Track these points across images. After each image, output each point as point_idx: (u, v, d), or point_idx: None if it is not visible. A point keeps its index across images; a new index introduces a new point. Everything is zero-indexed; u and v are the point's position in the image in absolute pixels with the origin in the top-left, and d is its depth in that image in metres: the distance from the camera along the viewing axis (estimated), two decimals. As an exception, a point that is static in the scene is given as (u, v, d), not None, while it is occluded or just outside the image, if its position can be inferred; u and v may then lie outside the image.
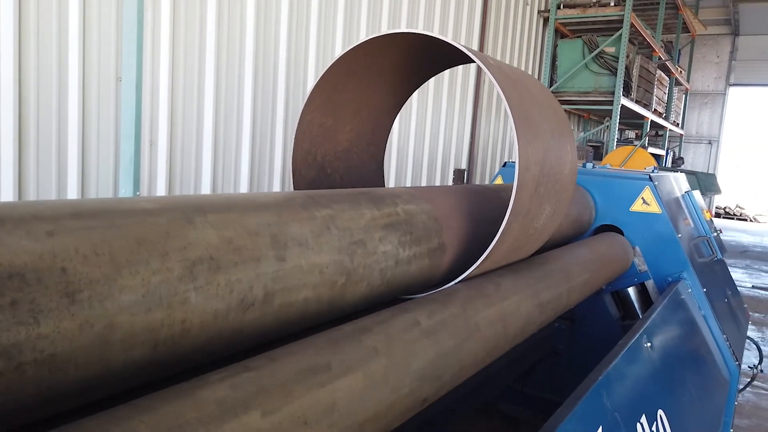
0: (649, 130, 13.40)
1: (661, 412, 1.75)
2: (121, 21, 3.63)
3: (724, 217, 21.28)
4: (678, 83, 15.85)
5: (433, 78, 2.16)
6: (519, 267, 1.77)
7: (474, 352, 1.32)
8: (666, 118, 14.68)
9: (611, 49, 10.16)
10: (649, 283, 2.81)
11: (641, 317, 2.29)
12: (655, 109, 12.99)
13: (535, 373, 2.84)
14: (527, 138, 1.39)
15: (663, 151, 15.65)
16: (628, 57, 10.28)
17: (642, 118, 12.59)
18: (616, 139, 10.81)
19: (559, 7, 10.56)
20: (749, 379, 3.60)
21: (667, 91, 14.51)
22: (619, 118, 10.35)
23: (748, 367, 3.57)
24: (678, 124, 17.04)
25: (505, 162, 3.23)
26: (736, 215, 21.58)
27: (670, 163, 16.40)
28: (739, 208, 21.85)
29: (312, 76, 5.43)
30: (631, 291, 2.87)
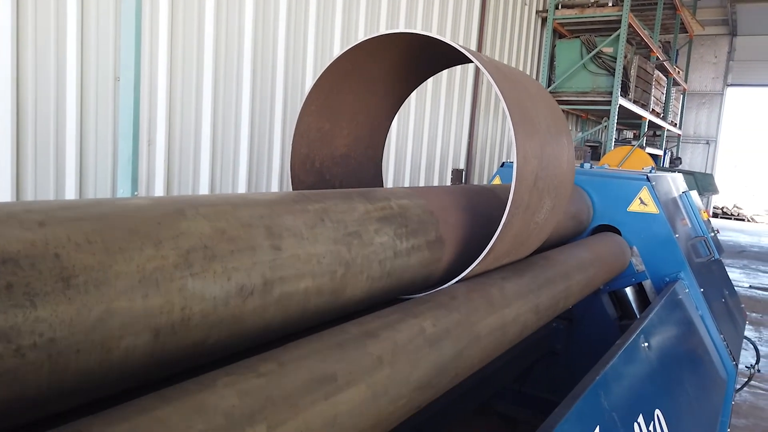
0: (646, 130, 13.42)
1: (658, 412, 1.76)
2: (119, 20, 3.63)
3: (721, 217, 21.32)
4: (676, 83, 15.87)
5: (431, 78, 2.16)
6: (518, 267, 1.77)
7: (472, 359, 1.33)
8: (664, 119, 14.71)
9: (609, 50, 10.18)
10: (647, 283, 2.82)
11: (639, 317, 2.30)
12: (653, 109, 13.01)
13: (533, 373, 2.84)
14: (524, 132, 1.39)
15: (661, 151, 15.68)
16: (626, 57, 10.29)
17: (640, 118, 12.60)
18: (614, 139, 10.83)
19: (557, 7, 10.57)
20: (746, 379, 3.61)
21: (664, 91, 14.53)
22: (617, 118, 10.36)
23: (746, 366, 3.58)
24: (676, 124, 17.06)
25: (503, 162, 3.24)
26: (733, 215, 21.61)
27: (667, 163, 16.41)
28: (737, 208, 21.88)
29: (310, 76, 5.43)
30: (628, 291, 2.88)
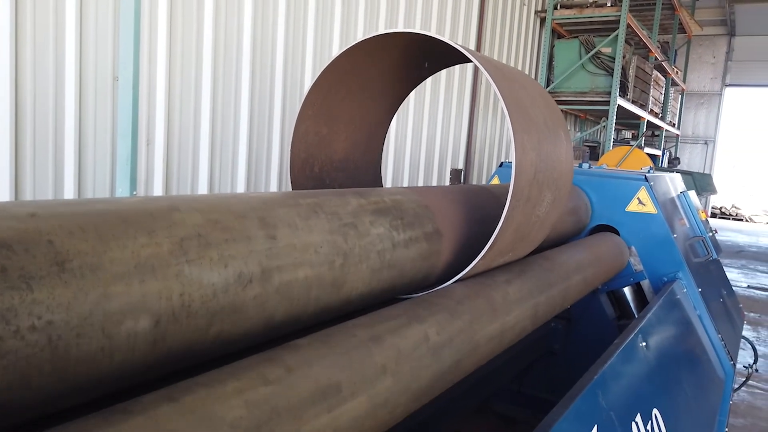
0: (645, 130, 13.43)
1: (656, 412, 1.76)
2: (118, 20, 3.63)
3: (720, 217, 21.35)
4: (674, 83, 15.89)
5: (430, 79, 2.16)
6: (517, 267, 1.77)
7: (469, 366, 1.33)
8: (662, 119, 14.72)
9: (608, 50, 10.19)
10: (645, 283, 2.83)
11: (637, 317, 2.30)
12: (651, 109, 13.02)
13: (531, 373, 2.85)
14: (522, 125, 1.40)
15: (659, 152, 15.69)
16: (624, 57, 10.30)
17: (638, 118, 12.61)
18: (612, 140, 10.84)
19: (556, 8, 10.57)
20: (744, 379, 3.61)
21: (663, 92, 14.55)
22: (615, 118, 10.37)
23: (743, 366, 3.59)
24: (674, 124, 17.08)
25: (502, 162, 3.24)
26: (732, 215, 21.64)
27: (666, 164, 16.43)
28: (735, 208, 21.91)
29: (309, 75, 5.43)
30: (626, 291, 2.88)
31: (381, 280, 1.31)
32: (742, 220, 21.33)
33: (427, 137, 7.56)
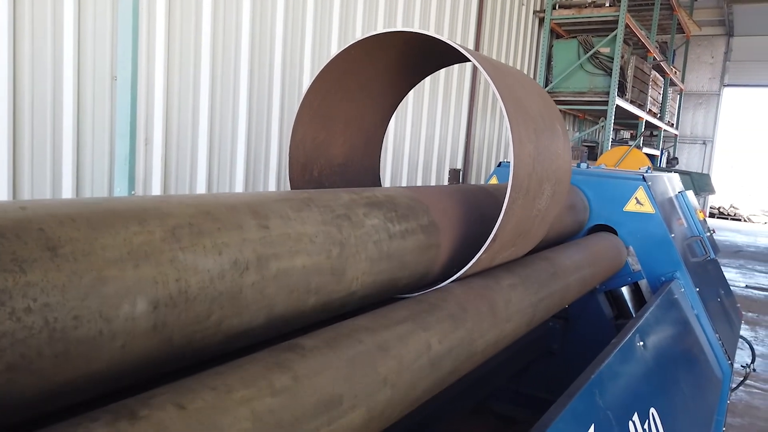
0: (643, 130, 13.44)
1: (653, 411, 1.77)
2: (116, 19, 3.62)
3: (718, 217, 21.38)
4: (672, 84, 15.91)
5: (428, 78, 2.16)
6: (516, 267, 1.77)
7: (465, 371, 1.33)
8: (660, 119, 14.74)
9: (606, 50, 10.20)
10: (643, 283, 2.83)
11: (634, 316, 2.30)
12: (649, 109, 13.04)
13: (529, 372, 2.85)
14: (518, 117, 1.40)
15: (657, 152, 15.72)
16: (623, 57, 10.31)
17: (637, 118, 12.63)
18: (610, 139, 10.85)
19: (554, 8, 10.59)
20: (742, 378, 3.62)
21: (661, 92, 14.57)
22: (613, 118, 10.39)
23: (741, 366, 3.59)
24: (672, 124, 17.10)
25: (500, 162, 3.24)
26: (730, 215, 21.67)
27: (664, 163, 16.45)
28: (733, 208, 21.95)
29: (307, 74, 5.43)
30: (624, 290, 2.89)
31: (381, 272, 1.30)
32: (740, 220, 21.36)
33: (425, 137, 7.57)
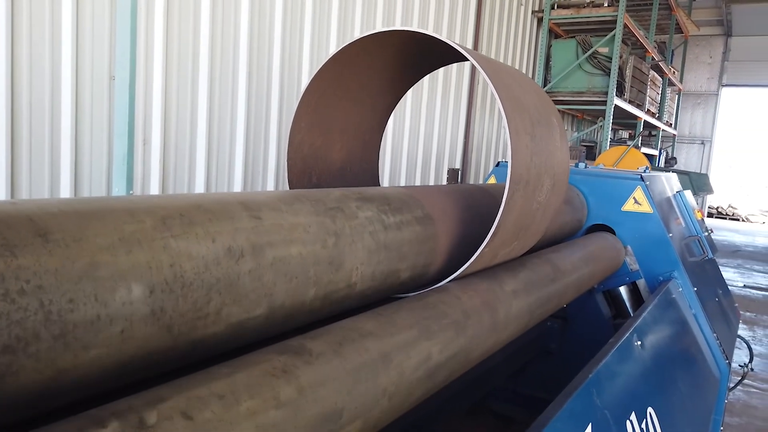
0: (642, 130, 13.46)
1: (651, 410, 1.77)
2: (114, 19, 3.62)
3: (716, 217, 21.39)
4: (671, 84, 15.92)
5: (427, 78, 2.16)
6: (514, 267, 1.77)
7: (458, 375, 1.33)
8: (659, 119, 14.75)
9: (605, 50, 10.20)
10: (641, 282, 2.83)
11: (632, 316, 2.31)
12: (648, 109, 13.04)
13: (527, 372, 2.85)
14: (513, 108, 1.40)
15: (656, 151, 15.73)
16: (621, 57, 10.32)
17: (635, 118, 12.64)
18: (609, 139, 10.86)
19: (553, 8, 10.59)
20: (740, 378, 3.62)
21: (660, 92, 14.58)
22: (612, 118, 10.40)
23: (739, 365, 3.60)
24: (671, 124, 17.11)
25: (498, 162, 3.24)
26: (728, 215, 21.69)
27: (663, 163, 16.47)
28: (732, 208, 21.97)
29: (306, 74, 5.43)
30: (622, 290, 2.89)
31: (380, 263, 1.29)
32: (738, 220, 21.38)
33: (424, 136, 7.57)
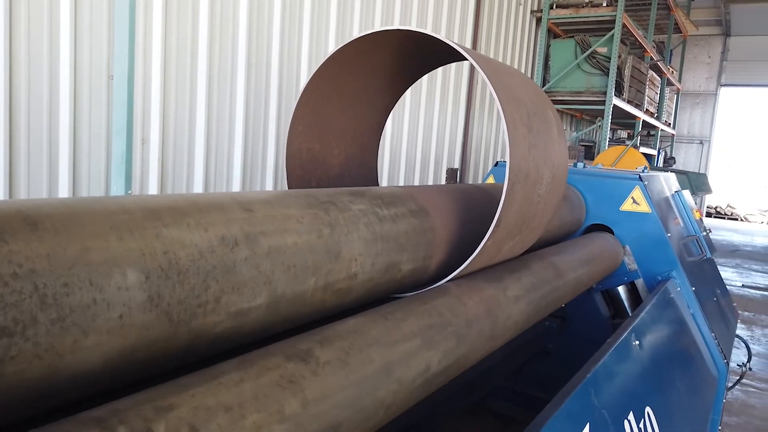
0: (640, 129, 13.47)
1: (648, 410, 1.77)
2: (112, 17, 3.62)
3: (715, 217, 21.42)
4: (670, 83, 15.94)
5: (425, 77, 2.16)
6: (513, 267, 1.77)
7: (460, 379, 1.33)
8: (658, 118, 14.77)
9: (603, 50, 10.21)
10: (639, 282, 2.83)
11: (630, 316, 2.31)
12: (646, 109, 13.05)
13: (525, 371, 2.85)
14: (509, 101, 1.39)
15: (655, 151, 15.75)
16: (620, 57, 10.33)
17: (634, 117, 12.65)
18: (608, 139, 10.87)
19: (551, 7, 10.60)
20: (738, 377, 3.63)
21: (658, 91, 14.59)
22: (611, 117, 10.41)
23: (737, 365, 3.61)
24: (670, 124, 17.13)
25: (497, 162, 3.24)
26: (727, 215, 21.72)
27: (661, 163, 16.49)
28: (730, 207, 22.00)
29: (305, 72, 5.43)
30: (621, 290, 2.89)
31: (379, 253, 1.27)
32: (737, 220, 21.41)
33: (422, 136, 7.57)
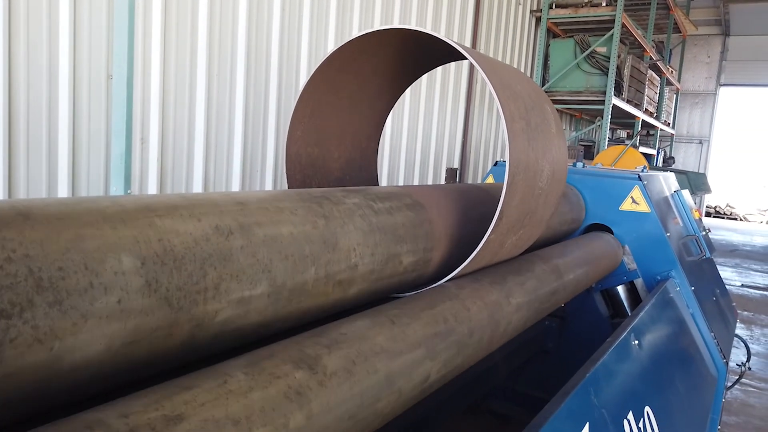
0: (640, 129, 13.47)
1: (648, 409, 1.77)
2: (112, 17, 3.61)
3: (714, 216, 21.43)
4: (669, 83, 15.94)
5: (425, 77, 2.16)
6: (512, 266, 1.77)
7: (459, 379, 1.33)
8: (657, 118, 14.77)
9: (603, 49, 10.21)
10: (638, 282, 2.83)
11: (630, 315, 2.31)
12: (646, 108, 13.06)
13: (525, 371, 2.85)
14: (506, 96, 1.40)
15: (654, 151, 15.75)
16: (619, 57, 10.33)
17: (633, 117, 12.65)
18: (607, 139, 10.87)
19: (551, 7, 10.59)
20: (737, 377, 3.63)
21: (658, 91, 14.59)
22: (610, 117, 10.40)
23: (737, 364, 3.61)
24: (669, 123, 17.13)
25: (497, 161, 3.24)
26: (726, 214, 21.73)
27: (661, 163, 16.49)
28: (730, 207, 22.01)
29: (304, 72, 5.42)
30: (620, 289, 2.89)
31: (378, 244, 1.26)
32: (736, 219, 21.42)
33: (422, 136, 7.57)
